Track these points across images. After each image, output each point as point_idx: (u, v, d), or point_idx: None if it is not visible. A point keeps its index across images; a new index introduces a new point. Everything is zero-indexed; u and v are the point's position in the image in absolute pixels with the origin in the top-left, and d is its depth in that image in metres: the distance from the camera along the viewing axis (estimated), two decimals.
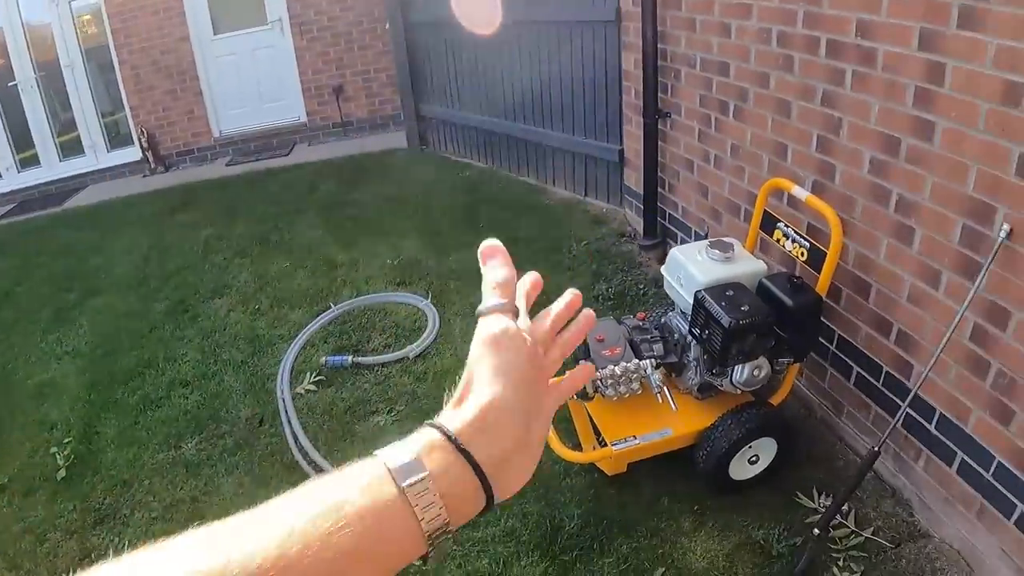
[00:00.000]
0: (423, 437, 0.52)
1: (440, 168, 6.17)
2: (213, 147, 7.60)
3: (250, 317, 4.15)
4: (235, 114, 7.56)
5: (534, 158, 5.48)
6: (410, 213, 5.29)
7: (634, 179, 4.43)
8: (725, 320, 2.33)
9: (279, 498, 0.49)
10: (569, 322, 0.66)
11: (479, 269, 0.60)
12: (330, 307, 4.07)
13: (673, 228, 4.12)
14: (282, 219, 5.45)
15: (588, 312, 0.66)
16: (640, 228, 4.35)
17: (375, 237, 4.93)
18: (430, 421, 0.55)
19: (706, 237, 3.73)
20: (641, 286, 4.02)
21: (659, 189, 4.11)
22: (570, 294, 0.65)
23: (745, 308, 2.36)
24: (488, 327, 0.58)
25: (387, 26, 6.58)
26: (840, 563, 2.39)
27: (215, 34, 7.27)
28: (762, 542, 2.49)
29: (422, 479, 0.49)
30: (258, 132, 7.58)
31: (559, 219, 4.84)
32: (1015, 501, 2.11)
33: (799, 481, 2.72)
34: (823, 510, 2.57)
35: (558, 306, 0.65)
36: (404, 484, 0.49)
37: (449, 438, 0.52)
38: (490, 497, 0.53)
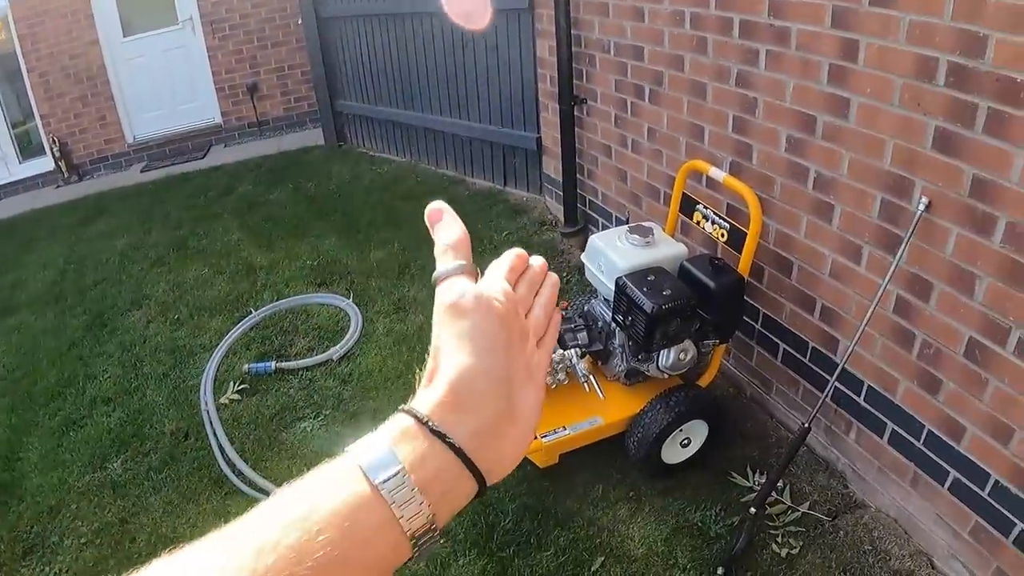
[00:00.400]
0: (394, 425, 0.47)
1: (358, 164, 6.02)
2: (127, 153, 7.27)
3: (170, 328, 3.96)
4: (149, 118, 7.25)
5: (452, 150, 5.38)
6: (329, 212, 5.13)
7: (553, 167, 4.38)
8: (647, 305, 2.30)
9: (249, 513, 0.42)
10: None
11: (400, 266, 0.51)
12: (251, 312, 3.88)
13: (594, 214, 4.10)
14: (199, 224, 5.23)
15: (554, 275, 0.60)
16: (561, 216, 4.31)
17: (294, 238, 4.77)
18: (401, 406, 0.49)
19: (627, 222, 3.71)
20: (564, 274, 3.98)
21: (578, 176, 4.07)
22: (540, 258, 0.60)
23: (667, 292, 2.33)
24: (447, 293, 0.52)
25: (299, 21, 6.41)
26: (779, 540, 2.40)
27: (125, 36, 6.92)
28: (699, 524, 2.49)
29: (396, 473, 0.44)
30: (173, 135, 7.30)
31: (479, 210, 4.76)
32: (947, 468, 2.16)
33: (732, 460, 2.73)
34: (758, 488, 2.58)
35: (536, 262, 0.59)
36: (377, 481, 0.43)
37: (421, 422, 0.47)
38: (481, 481, 0.48)
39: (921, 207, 1.98)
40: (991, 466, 2.03)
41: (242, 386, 3.34)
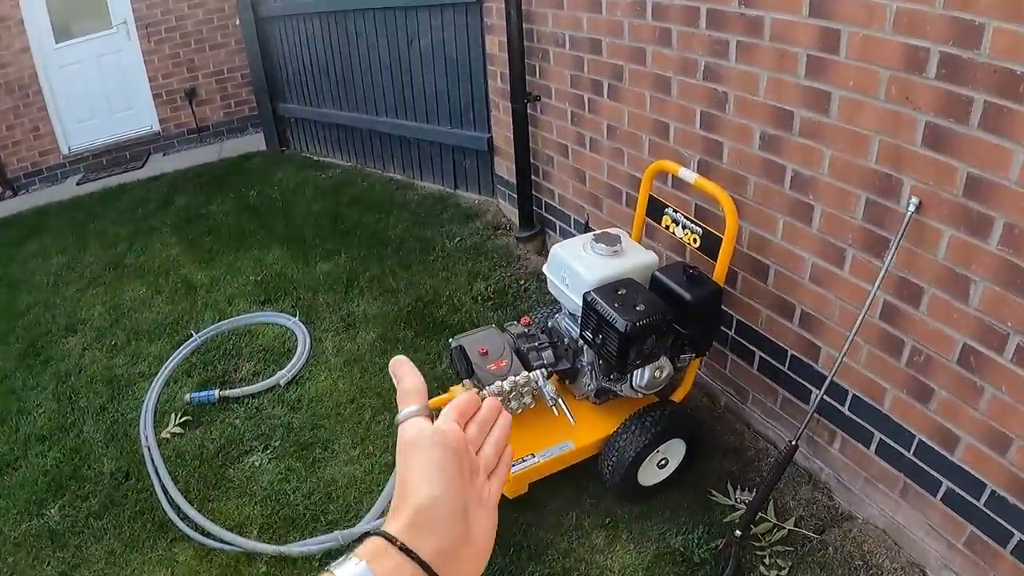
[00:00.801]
0: (368, 547, 0.54)
1: (302, 170, 5.74)
2: (63, 165, 6.83)
3: (107, 355, 3.65)
4: (84, 127, 6.81)
5: (399, 152, 5.17)
6: (272, 222, 4.84)
7: (505, 168, 4.19)
8: (620, 324, 2.12)
9: None
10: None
11: (348, 279, 0.44)
12: (191, 336, 3.59)
13: (551, 217, 3.93)
14: (137, 239, 4.89)
15: (506, 416, 0.69)
16: (515, 219, 4.13)
17: (236, 251, 4.48)
18: (373, 529, 0.43)
19: (586, 224, 3.56)
20: (522, 281, 3.81)
21: (533, 177, 3.90)
22: (493, 400, 0.70)
23: (640, 308, 2.16)
24: (407, 432, 0.62)
25: (237, 22, 6.14)
26: (766, 561, 2.28)
27: (57, 42, 6.47)
28: (682, 549, 2.35)
29: None
30: (110, 145, 6.89)
31: (429, 216, 4.54)
32: (940, 478, 2.06)
33: (711, 477, 2.60)
34: (741, 506, 2.45)
35: (487, 404, 0.70)
36: None
37: (392, 542, 0.54)
38: None
39: (911, 208, 1.86)
40: (987, 476, 1.93)
41: (184, 418, 3.07)
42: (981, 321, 1.83)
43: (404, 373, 0.68)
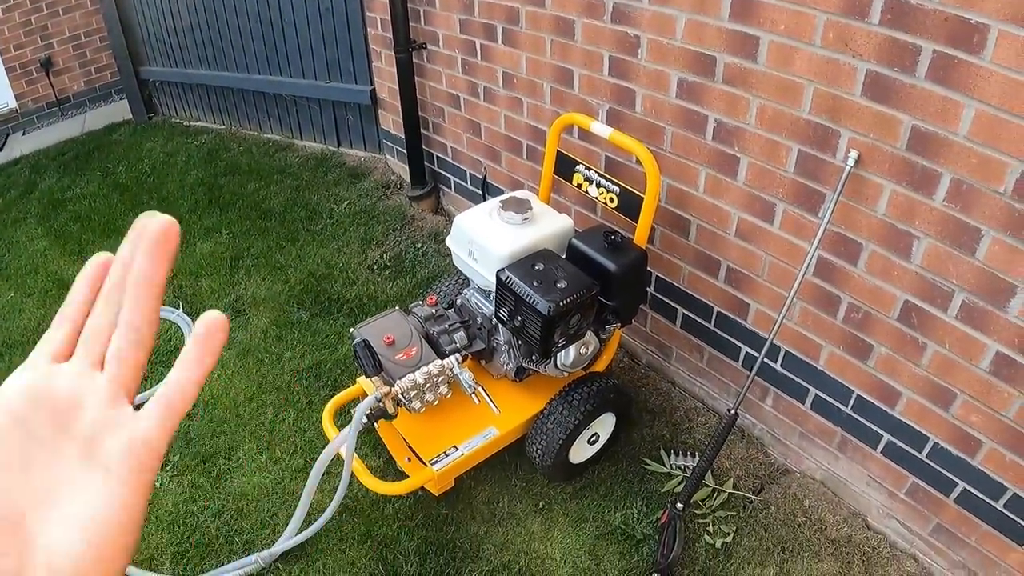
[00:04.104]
0: None
1: (172, 138, 5.12)
2: None
3: None
4: None
5: (276, 111, 4.68)
6: (144, 200, 4.28)
7: (392, 122, 3.85)
8: (542, 306, 1.92)
9: None
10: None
11: (232, 259, 0.23)
12: None
13: (444, 172, 3.65)
14: None
15: (156, 227, 0.38)
16: (406, 176, 3.82)
17: (108, 238, 3.93)
18: None
19: (484, 179, 3.32)
20: (419, 245, 3.54)
21: (422, 130, 3.59)
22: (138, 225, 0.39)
23: (563, 285, 1.97)
24: None
25: None
26: (710, 528, 2.22)
27: None
28: (622, 527, 2.25)
29: None
30: None
31: (313, 178, 4.14)
32: (880, 432, 2.04)
33: (643, 443, 2.51)
34: (677, 472, 2.38)
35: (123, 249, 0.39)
36: None
37: None
38: None
39: (851, 161, 1.75)
40: (930, 429, 1.92)
41: None
42: (923, 278, 1.76)
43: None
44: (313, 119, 4.43)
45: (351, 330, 2.28)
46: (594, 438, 2.37)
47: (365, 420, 2.00)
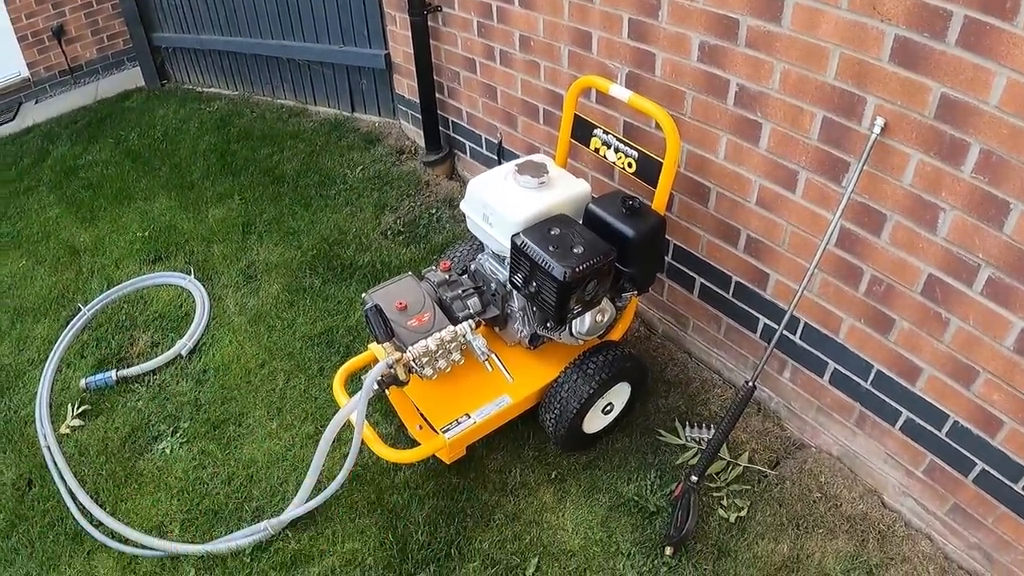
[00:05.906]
0: None
1: (184, 105, 5.09)
2: None
3: None
4: None
5: (289, 77, 4.62)
6: (156, 167, 4.27)
7: (407, 86, 3.79)
8: (558, 271, 1.89)
9: None
10: None
11: (244, 224, 0.16)
12: (79, 310, 3.13)
13: (459, 137, 3.59)
14: (12, 202, 4.20)
15: None
16: (421, 142, 3.77)
17: (120, 205, 3.92)
18: None
19: (500, 145, 3.26)
20: (433, 211, 3.51)
21: (437, 95, 3.53)
22: None
23: (579, 251, 1.94)
24: None
25: None
26: (724, 503, 2.20)
27: None
28: (635, 499, 2.24)
29: None
30: None
31: (327, 144, 4.10)
32: (899, 408, 1.99)
33: (657, 414, 2.49)
34: (692, 444, 2.36)
35: None
36: None
37: None
38: None
39: (877, 129, 1.68)
40: (950, 407, 1.87)
41: (83, 407, 2.68)
42: (948, 252, 1.70)
43: None
44: (327, 84, 4.37)
45: (363, 295, 2.26)
46: (608, 408, 2.35)
47: (376, 387, 1.98)
